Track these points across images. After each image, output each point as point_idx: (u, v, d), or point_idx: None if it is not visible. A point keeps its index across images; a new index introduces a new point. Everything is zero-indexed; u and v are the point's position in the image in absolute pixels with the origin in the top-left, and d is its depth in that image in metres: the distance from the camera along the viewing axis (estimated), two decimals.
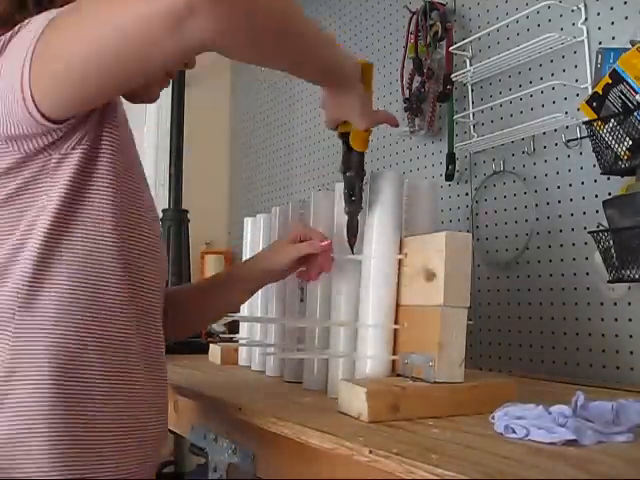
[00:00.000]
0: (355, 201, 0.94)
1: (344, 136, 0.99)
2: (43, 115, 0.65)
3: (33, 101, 0.64)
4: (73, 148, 0.70)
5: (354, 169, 0.96)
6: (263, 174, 2.43)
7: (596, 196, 1.23)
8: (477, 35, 1.47)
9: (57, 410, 0.68)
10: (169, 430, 0.99)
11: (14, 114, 0.65)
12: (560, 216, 1.32)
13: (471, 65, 1.49)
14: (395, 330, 0.92)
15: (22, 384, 0.67)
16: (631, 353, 1.17)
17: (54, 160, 0.70)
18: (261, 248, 1.34)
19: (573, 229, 1.29)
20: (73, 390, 0.69)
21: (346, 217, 0.95)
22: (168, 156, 2.18)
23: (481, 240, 1.48)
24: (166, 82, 0.91)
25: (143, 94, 0.87)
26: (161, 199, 2.43)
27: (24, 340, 0.68)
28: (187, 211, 2.06)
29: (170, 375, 1.20)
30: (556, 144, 1.33)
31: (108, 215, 0.73)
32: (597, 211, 1.22)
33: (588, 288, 1.25)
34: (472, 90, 1.53)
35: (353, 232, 0.95)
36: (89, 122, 0.71)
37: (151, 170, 2.51)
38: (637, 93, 1.01)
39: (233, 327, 1.76)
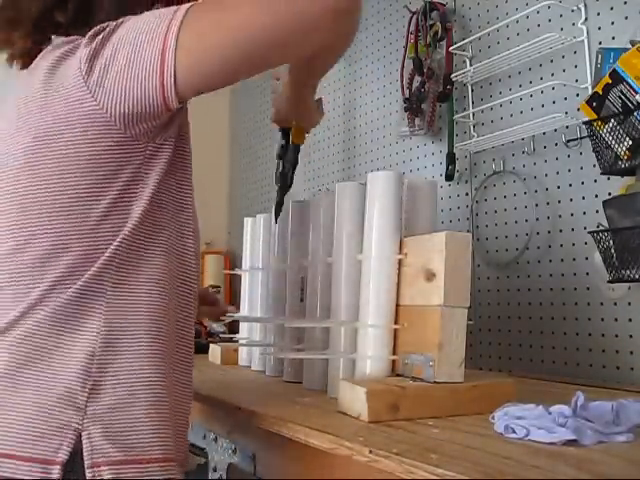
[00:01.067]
0: (286, 185, 1.14)
1: (285, 129, 1.14)
2: (177, 92, 0.68)
3: (174, 76, 0.67)
4: (165, 140, 0.74)
5: (291, 160, 1.15)
6: (263, 174, 2.43)
7: (596, 196, 1.23)
8: (477, 35, 1.47)
9: (156, 379, 0.72)
10: None
11: (148, 89, 0.67)
12: (560, 216, 1.32)
13: (471, 65, 1.49)
14: (395, 330, 0.92)
15: (123, 354, 0.70)
16: (631, 353, 1.17)
17: (149, 150, 0.73)
18: (261, 248, 1.34)
19: (573, 229, 1.29)
20: (168, 361, 0.75)
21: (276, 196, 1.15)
22: None
23: (481, 240, 1.48)
24: None
25: None
26: None
27: (120, 313, 0.71)
28: None
29: None
30: (556, 144, 1.33)
31: (187, 204, 0.78)
32: (597, 211, 1.22)
33: (588, 288, 1.25)
34: (472, 90, 1.53)
35: (278, 211, 1.16)
36: (177, 120, 0.75)
37: None
38: (637, 93, 1.01)
39: (233, 327, 1.76)
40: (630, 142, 1.02)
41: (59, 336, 0.69)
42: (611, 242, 1.07)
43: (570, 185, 1.30)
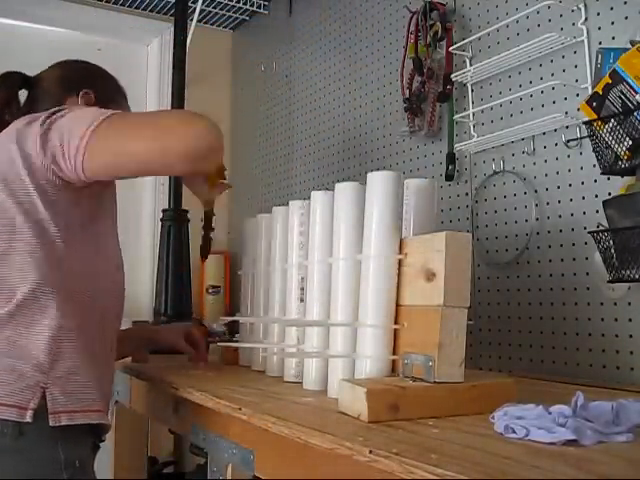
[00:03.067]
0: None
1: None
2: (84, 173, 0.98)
3: (82, 163, 0.96)
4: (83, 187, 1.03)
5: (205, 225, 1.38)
6: (263, 174, 2.43)
7: (596, 196, 1.23)
8: (477, 35, 1.47)
9: (93, 354, 1.04)
10: (169, 430, 1.03)
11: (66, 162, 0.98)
12: (560, 216, 1.32)
13: (471, 65, 1.49)
14: (395, 330, 0.92)
15: (70, 337, 1.02)
16: (631, 353, 1.17)
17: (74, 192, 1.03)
18: (262, 248, 1.34)
19: (573, 229, 1.29)
20: (100, 344, 1.09)
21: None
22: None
23: (481, 240, 1.48)
24: None
25: None
26: (161, 199, 2.44)
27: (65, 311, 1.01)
28: (187, 211, 2.06)
29: (170, 375, 1.20)
30: (556, 144, 1.33)
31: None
32: (597, 211, 1.22)
33: (588, 288, 1.25)
34: (472, 90, 1.53)
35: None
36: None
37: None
38: (637, 93, 1.01)
39: (233, 327, 1.76)
40: (630, 142, 1.02)
41: (28, 324, 0.98)
42: (611, 242, 1.07)
43: (570, 185, 1.30)
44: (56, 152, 0.97)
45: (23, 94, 1.20)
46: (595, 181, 1.24)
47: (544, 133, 1.35)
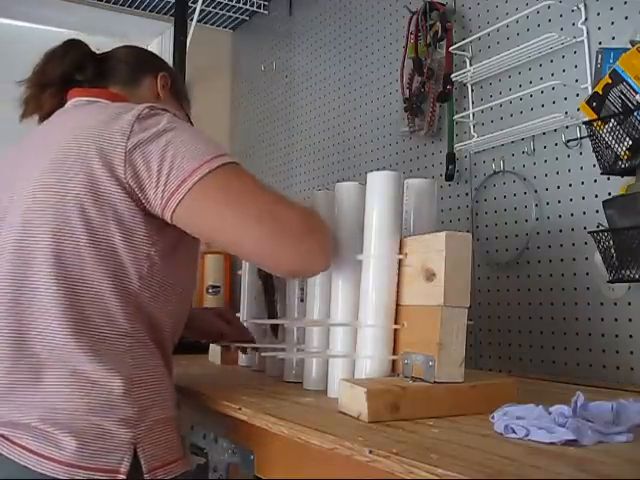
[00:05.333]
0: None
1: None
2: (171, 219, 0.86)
3: (171, 216, 0.85)
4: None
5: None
6: (263, 174, 2.42)
7: (596, 196, 1.23)
8: (477, 35, 1.47)
9: (166, 392, 0.91)
10: None
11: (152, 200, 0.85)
12: (560, 216, 1.32)
13: (471, 65, 1.49)
14: (395, 330, 0.92)
15: (148, 377, 0.89)
16: (631, 353, 1.17)
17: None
18: None
19: (573, 229, 1.29)
20: (168, 375, 0.95)
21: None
22: None
23: (481, 240, 1.48)
24: None
25: None
26: None
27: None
28: None
29: None
30: (556, 144, 1.33)
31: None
32: (597, 211, 1.22)
33: (588, 288, 1.25)
34: (472, 90, 1.53)
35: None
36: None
37: None
38: (637, 93, 1.01)
39: None
40: (630, 142, 1.02)
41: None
42: (611, 242, 1.07)
43: (570, 185, 1.30)
44: (144, 176, 0.84)
45: None
46: (595, 181, 1.24)
47: (544, 133, 1.35)
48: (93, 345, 0.82)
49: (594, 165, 1.15)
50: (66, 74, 1.02)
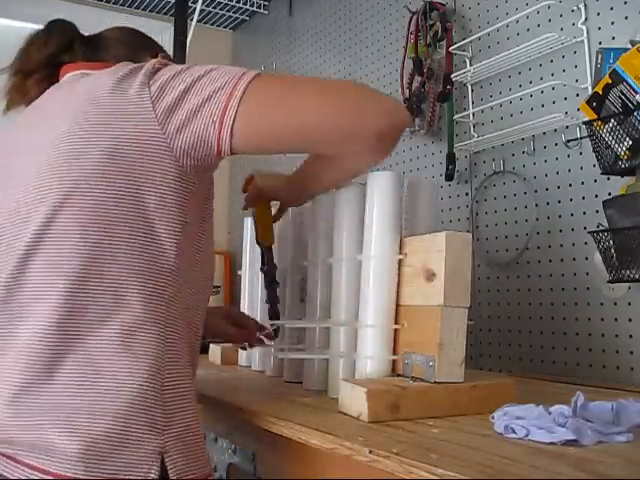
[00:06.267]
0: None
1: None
2: (231, 147, 0.74)
3: (230, 134, 0.73)
4: (202, 179, 0.78)
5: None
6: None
7: (596, 196, 1.23)
8: (477, 35, 1.47)
9: (191, 397, 0.77)
10: None
11: (208, 137, 0.73)
12: (560, 216, 1.32)
13: (471, 65, 1.49)
14: (395, 330, 0.92)
15: (178, 380, 0.75)
16: (631, 353, 1.17)
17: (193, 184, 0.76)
18: None
19: (573, 229, 1.29)
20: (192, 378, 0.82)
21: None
22: None
23: (481, 240, 1.48)
24: None
25: None
26: None
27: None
28: None
29: None
30: (556, 144, 1.33)
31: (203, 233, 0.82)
32: (597, 211, 1.22)
33: (588, 288, 1.25)
34: (472, 90, 1.53)
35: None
36: (217, 164, 0.80)
37: None
38: (637, 93, 1.01)
39: None
40: (630, 142, 1.02)
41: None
42: (611, 242, 1.07)
43: (570, 185, 1.30)
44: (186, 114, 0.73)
45: None
46: (595, 181, 1.24)
47: (544, 133, 1.35)
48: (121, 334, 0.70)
49: (594, 165, 1.15)
50: (52, 57, 0.91)
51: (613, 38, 1.22)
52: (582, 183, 1.27)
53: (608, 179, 1.18)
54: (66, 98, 0.81)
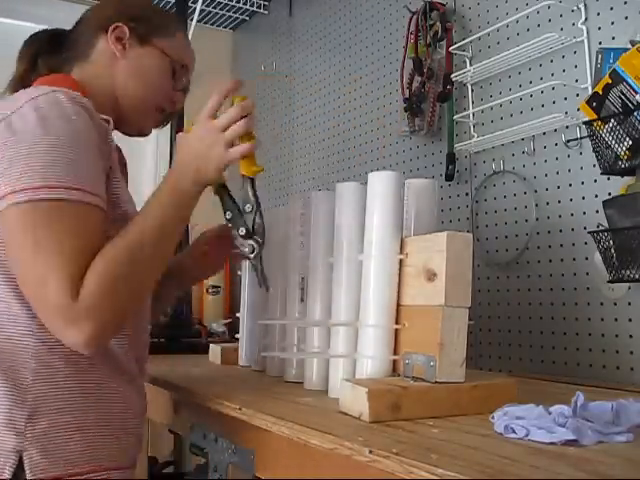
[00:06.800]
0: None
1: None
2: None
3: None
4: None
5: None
6: (263, 174, 2.42)
7: (596, 196, 1.23)
8: (477, 35, 1.47)
9: (81, 400, 0.81)
10: (169, 430, 0.98)
11: None
12: (560, 216, 1.32)
13: (471, 65, 1.49)
14: (396, 330, 0.92)
15: (50, 382, 0.78)
16: (631, 353, 1.17)
17: None
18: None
19: (573, 229, 1.29)
20: (90, 381, 0.84)
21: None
22: (168, 156, 2.19)
23: (481, 240, 1.48)
24: (159, 122, 1.14)
25: (136, 131, 1.09)
26: None
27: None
28: None
29: (170, 375, 1.19)
30: (556, 144, 1.33)
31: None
32: (597, 211, 1.22)
33: (588, 288, 1.25)
34: (472, 90, 1.53)
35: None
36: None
37: (152, 170, 2.51)
38: (637, 93, 1.01)
39: (233, 327, 1.76)
40: (630, 142, 1.02)
41: None
42: (611, 242, 1.07)
43: (570, 185, 1.30)
44: None
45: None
46: (595, 181, 1.24)
47: (544, 133, 1.35)
48: None
49: (594, 165, 1.15)
50: (20, 80, 0.96)
51: (613, 38, 1.22)
52: (582, 183, 1.27)
53: (608, 179, 1.18)
54: None
